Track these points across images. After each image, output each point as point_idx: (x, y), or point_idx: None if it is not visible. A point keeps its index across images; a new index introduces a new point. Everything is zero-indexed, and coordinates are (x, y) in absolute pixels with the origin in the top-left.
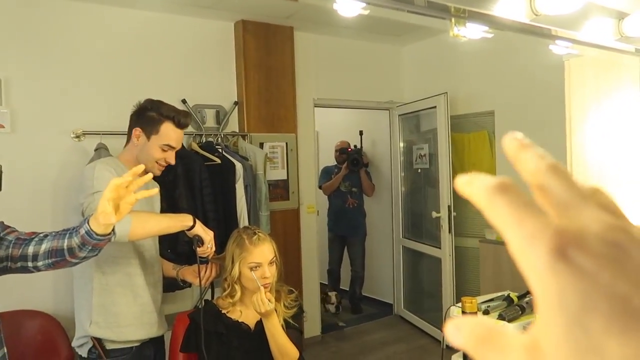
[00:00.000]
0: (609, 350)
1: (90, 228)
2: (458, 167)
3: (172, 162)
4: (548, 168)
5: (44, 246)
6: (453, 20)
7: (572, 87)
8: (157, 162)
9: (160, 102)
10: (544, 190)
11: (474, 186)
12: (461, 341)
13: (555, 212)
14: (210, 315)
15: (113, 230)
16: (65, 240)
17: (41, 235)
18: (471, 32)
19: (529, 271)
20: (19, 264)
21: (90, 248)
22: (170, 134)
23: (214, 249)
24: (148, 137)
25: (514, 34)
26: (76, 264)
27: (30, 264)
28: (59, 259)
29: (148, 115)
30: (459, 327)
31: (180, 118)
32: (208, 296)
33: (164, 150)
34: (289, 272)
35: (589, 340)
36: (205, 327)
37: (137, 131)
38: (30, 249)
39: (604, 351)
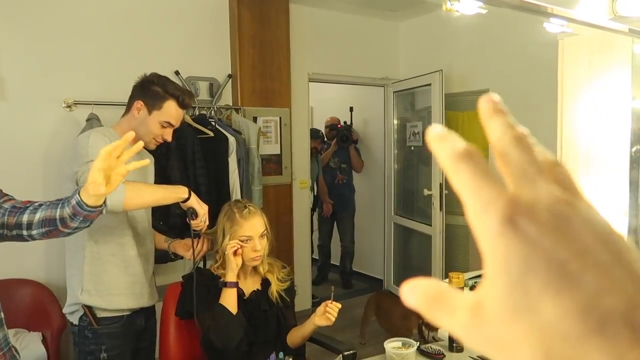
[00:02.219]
0: (544, 309)
1: (81, 199)
2: None
3: (169, 139)
4: (513, 137)
5: (38, 215)
6: None
7: (565, 66)
8: (154, 138)
9: (166, 79)
10: (505, 158)
11: (443, 147)
12: (414, 301)
13: (512, 181)
14: (206, 275)
15: (104, 202)
16: (58, 210)
17: (36, 204)
18: (465, 7)
19: (481, 236)
20: (14, 232)
21: (81, 219)
22: (172, 112)
23: (207, 222)
24: (149, 112)
25: (509, 12)
26: (69, 233)
27: (25, 232)
28: (51, 228)
29: (153, 90)
30: (413, 289)
31: (184, 98)
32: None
33: (163, 127)
34: (281, 247)
35: (526, 300)
36: (201, 283)
37: (138, 104)
38: (25, 218)
39: (539, 310)
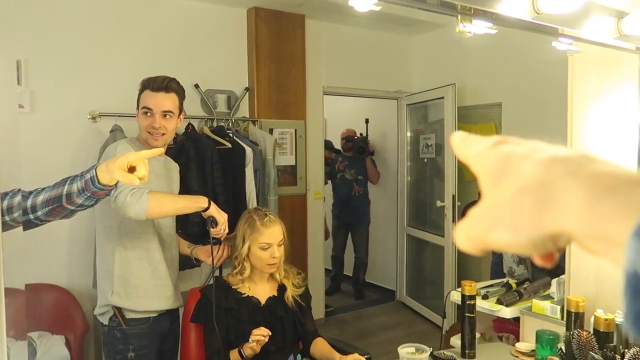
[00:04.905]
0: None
1: (96, 174)
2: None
3: (156, 125)
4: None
5: (41, 197)
6: (459, 17)
7: (575, 82)
8: (148, 132)
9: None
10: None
11: (463, 147)
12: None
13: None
14: (221, 290)
15: (115, 185)
16: (66, 187)
17: (39, 188)
18: (476, 28)
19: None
20: (24, 218)
21: (88, 195)
22: (145, 98)
23: (226, 230)
24: (138, 109)
25: (518, 31)
26: (71, 212)
27: (31, 216)
28: (55, 205)
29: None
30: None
31: (154, 83)
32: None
33: (146, 115)
34: (295, 256)
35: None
36: (216, 302)
37: (136, 111)
38: (29, 202)
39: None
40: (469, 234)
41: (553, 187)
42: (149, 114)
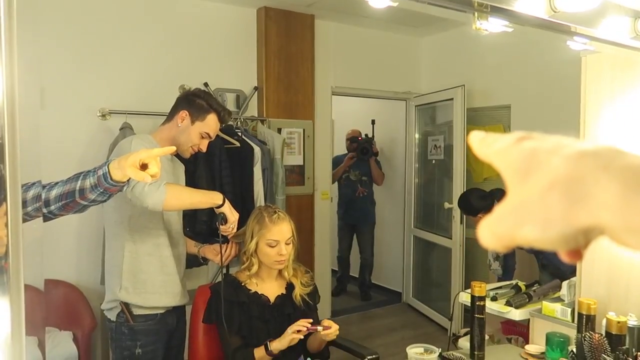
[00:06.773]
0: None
1: (109, 171)
2: (472, 160)
3: (204, 149)
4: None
5: (55, 192)
6: (476, 14)
7: (588, 83)
8: (192, 147)
9: (210, 94)
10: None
11: (482, 147)
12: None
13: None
14: (231, 286)
15: (127, 181)
16: (79, 182)
17: (52, 183)
18: (492, 26)
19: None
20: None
21: (101, 191)
22: (212, 125)
23: (235, 229)
24: (192, 122)
25: (532, 30)
26: (84, 207)
27: (44, 210)
28: (69, 200)
29: (198, 103)
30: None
31: (224, 114)
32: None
33: (202, 137)
34: (302, 257)
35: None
36: (226, 298)
37: (184, 113)
38: (42, 196)
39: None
40: (495, 231)
41: (585, 182)
42: (204, 138)
